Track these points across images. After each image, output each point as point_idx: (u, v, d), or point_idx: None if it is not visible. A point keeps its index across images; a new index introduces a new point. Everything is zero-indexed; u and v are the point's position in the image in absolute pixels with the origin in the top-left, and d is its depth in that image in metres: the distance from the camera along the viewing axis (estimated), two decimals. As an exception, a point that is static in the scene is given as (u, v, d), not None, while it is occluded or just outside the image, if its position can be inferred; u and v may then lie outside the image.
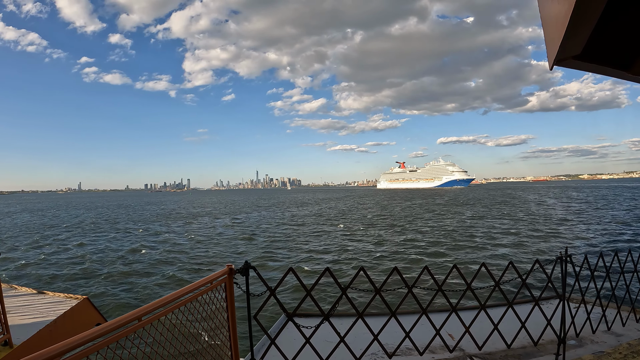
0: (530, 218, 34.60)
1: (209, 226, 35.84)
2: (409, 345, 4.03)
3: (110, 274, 16.14)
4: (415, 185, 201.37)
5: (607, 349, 4.21)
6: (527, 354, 4.11)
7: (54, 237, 29.16)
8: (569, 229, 26.89)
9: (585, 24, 1.62)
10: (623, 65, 2.14)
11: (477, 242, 22.08)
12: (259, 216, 46.27)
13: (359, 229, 29.96)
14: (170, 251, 22.06)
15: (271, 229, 32.18)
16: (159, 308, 2.21)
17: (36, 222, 43.75)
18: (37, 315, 5.10)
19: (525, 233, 25.35)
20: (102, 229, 35.47)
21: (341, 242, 23.79)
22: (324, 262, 17.53)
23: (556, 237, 23.16)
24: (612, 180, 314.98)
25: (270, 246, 22.77)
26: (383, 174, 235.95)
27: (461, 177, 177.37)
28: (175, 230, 32.70)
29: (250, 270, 3.20)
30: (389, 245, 22.01)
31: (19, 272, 17.04)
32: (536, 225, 29.44)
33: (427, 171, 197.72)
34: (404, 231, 27.90)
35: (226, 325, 2.98)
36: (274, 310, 8.66)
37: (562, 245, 19.77)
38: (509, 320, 4.21)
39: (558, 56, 1.85)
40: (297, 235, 27.60)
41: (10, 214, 60.56)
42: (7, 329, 4.22)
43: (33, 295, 5.95)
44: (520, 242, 21.90)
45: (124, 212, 61.49)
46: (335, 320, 3.88)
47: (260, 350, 3.70)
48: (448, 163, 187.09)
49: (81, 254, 21.46)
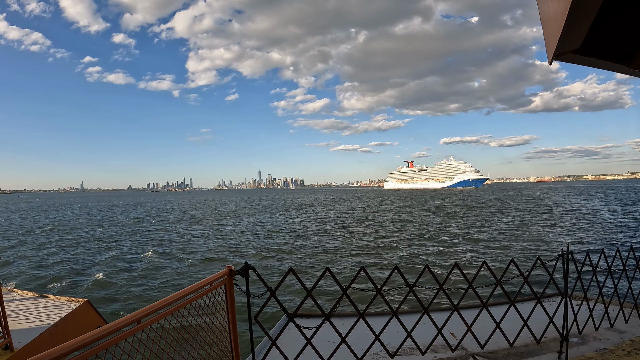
0: (587, 225, 27.70)
1: (176, 236, 27.38)
2: (410, 344, 4.01)
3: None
4: (425, 185, 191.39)
5: (610, 346, 4.19)
6: (530, 352, 4.09)
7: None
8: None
9: (584, 18, 1.61)
10: (622, 59, 2.13)
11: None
12: (251, 222, 36.98)
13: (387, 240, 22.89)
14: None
15: (263, 244, 22.63)
16: (159, 310, 2.20)
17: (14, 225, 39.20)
18: (37, 318, 5.10)
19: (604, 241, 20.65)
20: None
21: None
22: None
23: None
24: (618, 180, 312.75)
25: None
26: (391, 174, 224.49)
27: (474, 177, 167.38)
28: (131, 247, 22.81)
29: (251, 272, 3.19)
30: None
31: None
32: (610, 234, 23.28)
33: (438, 171, 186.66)
34: (454, 250, 19.55)
35: (227, 327, 2.97)
36: (275, 311, 8.66)
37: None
38: (511, 319, 4.19)
39: (557, 51, 1.84)
40: (314, 261, 17.68)
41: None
42: (8, 333, 4.21)
43: (34, 299, 5.95)
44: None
45: (87, 215, 51.50)
46: (337, 321, 3.87)
47: (262, 351, 3.68)
48: (460, 162, 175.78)
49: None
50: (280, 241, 24.06)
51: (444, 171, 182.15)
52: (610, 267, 4.77)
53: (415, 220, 35.38)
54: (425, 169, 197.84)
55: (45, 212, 60.37)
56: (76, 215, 52.02)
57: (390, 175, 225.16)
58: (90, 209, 68.43)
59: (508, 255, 17.65)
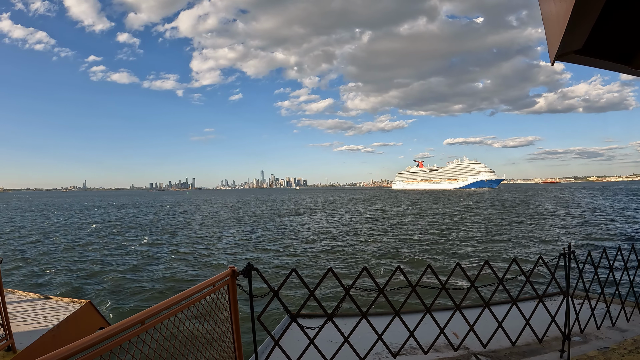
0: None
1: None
2: (413, 344, 4.02)
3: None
4: (436, 186, 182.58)
5: (612, 344, 4.20)
6: (532, 351, 4.10)
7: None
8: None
9: (586, 18, 1.62)
10: (624, 59, 2.14)
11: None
12: (240, 236, 26.69)
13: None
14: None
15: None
16: (162, 311, 2.21)
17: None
18: (40, 320, 5.10)
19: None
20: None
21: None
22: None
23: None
24: (623, 182, 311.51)
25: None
26: (399, 174, 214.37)
27: (489, 177, 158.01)
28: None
29: (253, 272, 3.19)
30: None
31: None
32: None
33: (450, 171, 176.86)
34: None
35: (229, 327, 2.97)
36: (278, 312, 8.66)
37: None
38: (513, 318, 4.20)
39: (559, 51, 1.85)
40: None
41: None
42: (10, 334, 4.22)
43: (36, 300, 5.95)
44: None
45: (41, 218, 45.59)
46: (339, 321, 3.87)
47: (264, 351, 3.68)
48: (474, 162, 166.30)
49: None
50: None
51: (457, 171, 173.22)
52: (612, 266, 4.78)
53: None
54: (437, 168, 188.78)
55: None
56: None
57: (398, 175, 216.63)
58: (67, 211, 60.07)
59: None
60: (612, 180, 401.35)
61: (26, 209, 57.80)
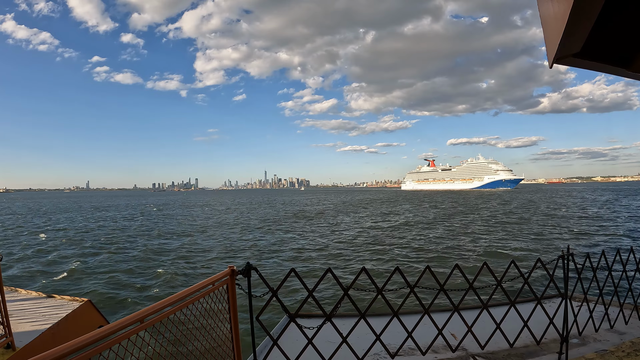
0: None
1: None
2: (411, 345, 4.02)
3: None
4: (449, 186, 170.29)
5: (610, 347, 4.20)
6: (530, 353, 4.10)
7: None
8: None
9: (584, 21, 1.62)
10: (623, 63, 2.15)
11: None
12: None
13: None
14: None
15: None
16: (161, 310, 2.22)
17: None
18: (39, 318, 5.11)
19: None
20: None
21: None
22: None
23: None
24: (629, 182, 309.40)
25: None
26: (409, 174, 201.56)
27: (507, 177, 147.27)
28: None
29: (252, 272, 3.20)
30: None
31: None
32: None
33: (465, 170, 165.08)
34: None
35: (228, 327, 2.98)
36: (277, 311, 8.66)
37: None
38: (512, 319, 4.20)
39: (558, 54, 1.85)
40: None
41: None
42: (10, 332, 4.23)
43: (36, 298, 5.96)
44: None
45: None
46: (338, 321, 3.88)
47: (263, 351, 3.69)
48: (490, 161, 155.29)
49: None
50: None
51: (472, 171, 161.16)
52: (610, 269, 4.78)
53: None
54: (450, 168, 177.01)
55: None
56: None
57: (408, 175, 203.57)
58: (44, 213, 52.48)
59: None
60: (617, 180, 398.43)
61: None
